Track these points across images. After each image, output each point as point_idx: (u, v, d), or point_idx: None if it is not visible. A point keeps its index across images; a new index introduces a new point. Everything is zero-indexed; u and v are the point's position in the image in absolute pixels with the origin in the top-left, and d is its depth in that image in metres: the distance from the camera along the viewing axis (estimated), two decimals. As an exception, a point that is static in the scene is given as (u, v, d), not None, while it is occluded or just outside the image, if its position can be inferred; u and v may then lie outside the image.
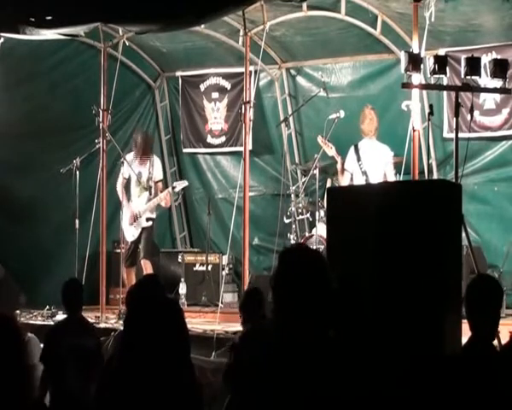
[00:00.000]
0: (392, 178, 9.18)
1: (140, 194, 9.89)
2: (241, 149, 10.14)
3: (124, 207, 9.86)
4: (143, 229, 9.83)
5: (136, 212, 9.82)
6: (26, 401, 2.40)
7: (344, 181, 9.29)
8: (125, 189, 9.97)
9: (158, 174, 10.04)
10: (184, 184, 10.36)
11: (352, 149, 9.32)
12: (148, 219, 9.86)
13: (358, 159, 9.23)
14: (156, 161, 10.11)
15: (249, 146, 9.75)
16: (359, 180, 9.17)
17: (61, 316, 9.63)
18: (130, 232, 9.87)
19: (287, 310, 2.83)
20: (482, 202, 10.19)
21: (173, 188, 10.19)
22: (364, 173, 9.17)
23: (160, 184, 10.04)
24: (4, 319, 2.52)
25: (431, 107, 7.99)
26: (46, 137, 10.76)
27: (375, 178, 9.06)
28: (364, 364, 3.72)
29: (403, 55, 8.01)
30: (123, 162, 9.85)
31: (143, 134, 10.32)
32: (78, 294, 6.31)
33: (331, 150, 9.46)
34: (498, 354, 4.03)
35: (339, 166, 9.39)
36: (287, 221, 10.20)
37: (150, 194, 9.87)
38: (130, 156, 10.01)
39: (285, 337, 2.86)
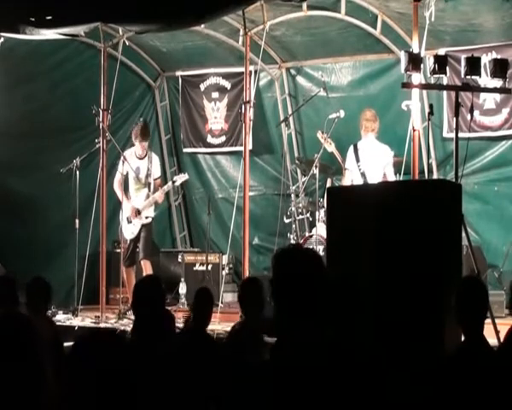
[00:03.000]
0: (392, 178, 9.17)
1: (139, 191, 9.89)
2: (241, 148, 10.14)
3: (123, 204, 9.85)
4: (142, 226, 9.82)
5: (136, 208, 9.81)
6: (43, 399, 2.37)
7: (345, 180, 9.29)
8: (124, 186, 9.96)
9: (156, 171, 10.04)
10: (185, 177, 10.34)
11: (351, 148, 9.31)
12: (146, 217, 9.87)
13: (357, 160, 9.21)
14: (154, 157, 10.11)
15: (249, 146, 9.75)
16: (358, 181, 9.16)
17: (61, 316, 9.64)
18: (129, 230, 9.86)
19: (285, 310, 2.84)
20: (482, 201, 10.18)
21: (174, 182, 10.21)
22: (363, 175, 9.14)
23: (158, 181, 10.04)
24: (20, 318, 2.48)
25: (431, 107, 7.99)
26: (46, 137, 10.74)
27: (374, 179, 9.03)
28: (364, 364, 3.72)
29: (403, 55, 8.01)
30: (122, 160, 9.85)
31: (139, 124, 10.23)
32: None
33: (330, 146, 9.47)
34: (493, 351, 4.07)
35: (339, 159, 9.42)
36: (287, 221, 10.20)
37: (149, 190, 9.88)
38: (128, 153, 10.01)
39: (284, 338, 2.87)
